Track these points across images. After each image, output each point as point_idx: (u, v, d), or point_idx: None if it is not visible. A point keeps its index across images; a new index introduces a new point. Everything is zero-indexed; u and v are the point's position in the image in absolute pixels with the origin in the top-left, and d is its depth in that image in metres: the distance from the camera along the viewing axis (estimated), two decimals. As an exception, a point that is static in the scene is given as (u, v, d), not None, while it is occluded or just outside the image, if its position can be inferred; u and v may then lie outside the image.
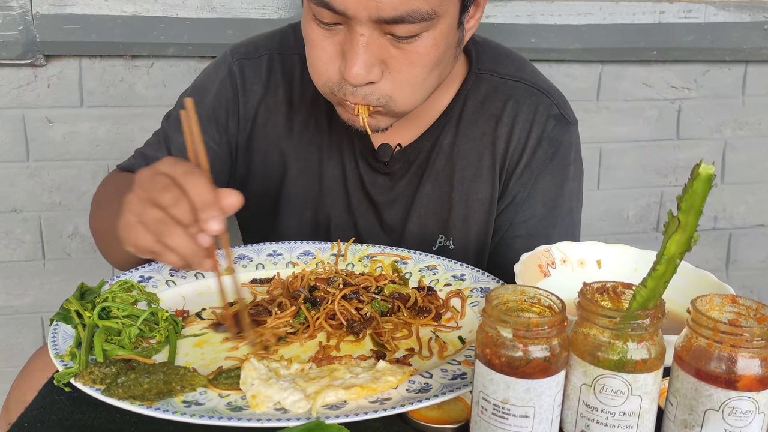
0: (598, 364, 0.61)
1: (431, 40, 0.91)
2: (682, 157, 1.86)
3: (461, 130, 1.12)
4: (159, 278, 0.94)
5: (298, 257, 1.01)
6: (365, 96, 0.93)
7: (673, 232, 0.60)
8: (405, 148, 1.12)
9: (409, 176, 1.13)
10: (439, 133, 1.12)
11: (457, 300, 0.91)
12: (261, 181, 1.17)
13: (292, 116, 1.14)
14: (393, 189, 1.14)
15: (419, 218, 1.14)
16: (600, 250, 0.95)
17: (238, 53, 1.16)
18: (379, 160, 1.12)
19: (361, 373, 0.73)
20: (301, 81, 1.14)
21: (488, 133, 1.13)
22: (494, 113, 1.12)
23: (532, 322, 0.60)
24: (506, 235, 1.15)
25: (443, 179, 1.13)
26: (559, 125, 1.13)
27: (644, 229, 1.90)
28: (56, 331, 0.79)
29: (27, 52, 1.48)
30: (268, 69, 1.14)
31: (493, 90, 1.13)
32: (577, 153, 1.17)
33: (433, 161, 1.13)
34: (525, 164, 1.12)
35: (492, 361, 0.61)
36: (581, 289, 0.64)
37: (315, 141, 1.14)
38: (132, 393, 0.68)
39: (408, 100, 0.96)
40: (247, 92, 1.14)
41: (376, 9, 0.86)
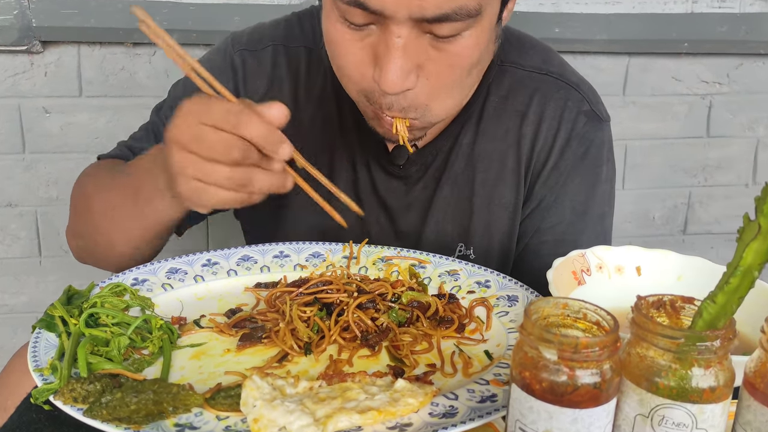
0: (657, 391, 0.52)
1: (473, 38, 0.82)
2: (712, 156, 1.77)
3: (483, 128, 1.03)
4: (155, 281, 0.86)
5: (307, 259, 0.93)
6: (403, 109, 0.85)
7: (751, 240, 0.51)
8: (421, 149, 1.02)
9: (426, 179, 1.04)
10: (458, 132, 1.03)
11: (481, 309, 0.83)
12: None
13: (297, 114, 1.03)
14: (408, 193, 1.05)
15: (437, 225, 1.05)
16: (639, 255, 0.86)
17: (240, 43, 1.06)
18: (394, 163, 1.03)
19: (378, 393, 0.64)
20: (307, 76, 1.04)
21: (512, 132, 1.03)
22: (518, 109, 1.03)
23: (581, 343, 0.51)
24: (532, 241, 1.06)
25: (463, 182, 1.04)
26: (590, 122, 1.04)
27: (671, 231, 1.81)
28: (38, 340, 0.71)
29: (23, 38, 1.40)
30: (272, 62, 1.05)
31: (518, 84, 1.03)
32: (609, 152, 1.08)
33: (452, 163, 1.03)
34: (553, 165, 1.03)
35: (532, 386, 0.53)
36: (636, 303, 0.55)
37: (323, 141, 1.04)
38: (117, 414, 0.60)
39: (446, 106, 0.89)
40: (249, 87, 1.05)
41: (419, 7, 0.76)
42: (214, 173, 0.71)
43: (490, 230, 1.05)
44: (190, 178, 0.73)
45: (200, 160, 0.71)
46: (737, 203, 1.82)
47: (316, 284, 0.83)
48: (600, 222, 1.07)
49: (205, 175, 0.72)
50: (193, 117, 0.71)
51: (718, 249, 1.83)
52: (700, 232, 1.83)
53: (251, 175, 0.72)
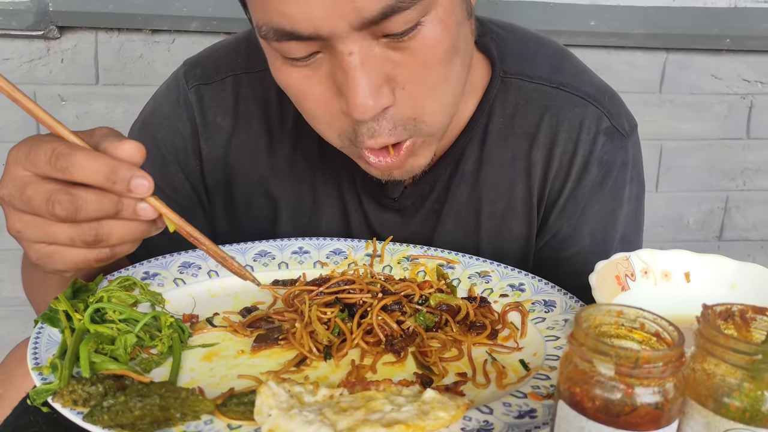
0: (726, 414, 0.46)
1: (436, 23, 0.68)
2: (752, 158, 1.70)
3: (487, 153, 0.91)
4: (167, 275, 0.80)
5: (328, 256, 0.87)
6: (389, 130, 0.72)
7: None
8: (419, 180, 0.91)
9: (425, 212, 0.94)
10: (460, 158, 0.91)
11: (515, 314, 0.76)
12: (249, 227, 0.97)
13: (273, 150, 0.93)
14: (405, 228, 0.94)
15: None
16: (688, 260, 0.79)
17: (193, 76, 0.94)
18: (387, 195, 0.92)
19: (405, 404, 0.58)
20: (279, 103, 0.92)
21: (521, 157, 0.91)
22: (527, 131, 0.91)
23: (642, 357, 0.45)
24: (548, 272, 0.95)
25: (468, 215, 0.93)
26: (610, 141, 0.92)
27: (705, 237, 1.73)
28: (39, 335, 0.66)
29: (39, 22, 1.36)
30: (234, 96, 0.93)
31: (525, 100, 0.91)
32: (635, 170, 0.96)
33: (454, 193, 0.92)
34: (569, 194, 0.92)
35: (583, 404, 0.47)
36: (702, 313, 0.49)
37: (306, 177, 0.94)
38: (119, 421, 0.54)
39: (438, 113, 0.75)
40: (209, 127, 0.93)
41: (354, 11, 0.63)
42: (54, 234, 0.60)
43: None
44: (31, 243, 0.62)
45: (35, 220, 0.60)
46: (773, 208, 1.75)
47: (338, 283, 0.77)
48: (622, 246, 0.96)
49: (47, 236, 0.60)
50: (18, 168, 0.59)
51: (755, 256, 1.75)
52: (736, 238, 1.75)
53: (101, 229, 0.60)
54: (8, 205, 0.61)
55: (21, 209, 0.60)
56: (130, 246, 0.64)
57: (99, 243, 0.61)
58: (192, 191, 0.96)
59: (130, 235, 0.62)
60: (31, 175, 0.59)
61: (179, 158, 0.94)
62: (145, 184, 0.59)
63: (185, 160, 0.94)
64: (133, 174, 0.59)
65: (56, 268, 0.64)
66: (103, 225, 0.60)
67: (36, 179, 0.59)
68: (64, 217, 0.58)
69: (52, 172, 0.58)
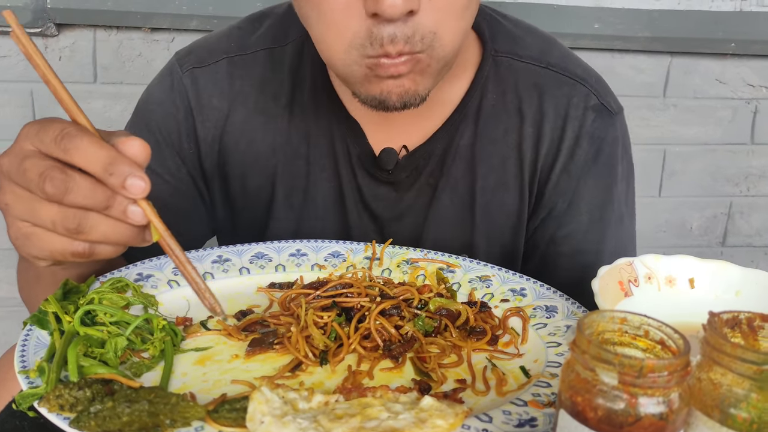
0: (733, 425, 0.45)
1: None
2: (756, 164, 1.68)
3: (481, 128, 0.93)
4: (160, 277, 0.79)
5: (326, 259, 0.86)
6: (408, 39, 0.72)
7: None
8: (413, 152, 0.92)
9: (419, 186, 0.94)
10: (454, 133, 0.93)
11: (516, 320, 0.75)
12: (243, 210, 0.98)
13: (268, 128, 0.94)
14: (400, 202, 0.94)
15: (434, 236, 0.95)
16: (693, 265, 0.78)
17: (188, 61, 0.95)
18: (382, 167, 0.92)
19: (402, 412, 0.57)
20: (274, 81, 0.94)
21: (512, 133, 0.93)
22: (518, 107, 0.93)
23: (647, 365, 0.43)
24: (548, 252, 0.96)
25: (463, 189, 0.94)
26: (600, 118, 0.94)
27: (708, 243, 1.72)
28: (28, 337, 0.65)
29: (37, 19, 1.35)
30: (229, 76, 0.94)
31: (515, 78, 0.94)
32: (624, 148, 0.98)
33: (449, 167, 0.93)
34: (561, 169, 0.93)
35: (584, 414, 0.45)
36: (709, 321, 0.47)
37: (300, 152, 0.94)
38: (107, 427, 0.53)
39: (452, 35, 0.76)
40: (205, 109, 0.94)
41: None
42: (38, 212, 0.59)
43: (492, 242, 0.96)
44: (15, 219, 0.61)
45: (25, 194, 0.59)
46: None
47: (335, 287, 0.76)
48: (620, 226, 0.98)
49: (31, 214, 0.60)
50: (26, 141, 0.59)
51: (758, 263, 1.74)
52: (739, 244, 1.74)
53: (85, 220, 0.58)
54: (5, 175, 0.60)
55: (15, 181, 0.59)
56: (112, 249, 0.62)
57: (79, 234, 0.59)
58: (188, 176, 0.95)
59: (114, 235, 0.60)
60: (35, 150, 0.58)
61: (173, 141, 0.94)
62: (141, 185, 0.57)
63: (179, 144, 0.95)
64: (132, 171, 0.57)
65: (31, 252, 0.62)
66: (88, 216, 0.58)
67: (38, 154, 0.58)
68: (52, 195, 0.57)
69: (55, 151, 0.57)
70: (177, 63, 0.96)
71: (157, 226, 0.62)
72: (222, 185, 0.97)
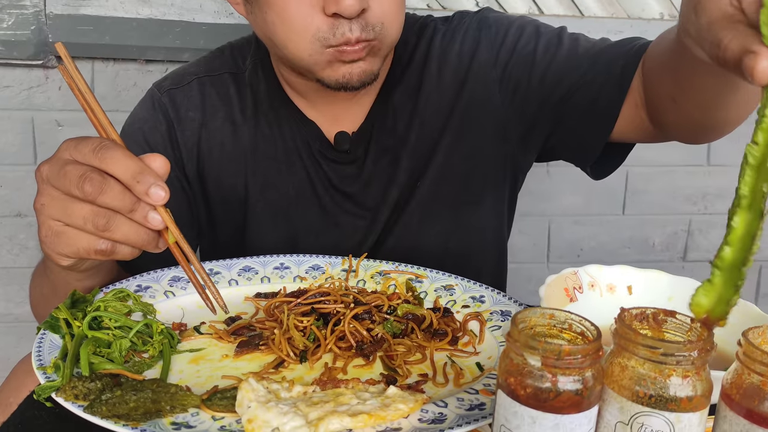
0: (637, 400, 0.54)
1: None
2: (713, 184, 1.79)
3: (404, 90, 1.08)
4: (157, 288, 0.88)
5: (307, 271, 0.95)
6: (362, 28, 0.90)
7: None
8: (360, 128, 1.07)
9: (374, 155, 1.08)
10: (386, 103, 1.08)
11: (475, 323, 0.84)
12: (222, 207, 1.11)
13: (238, 135, 1.08)
14: (362, 174, 1.09)
15: (398, 189, 1.09)
16: (631, 275, 0.88)
17: (165, 85, 1.10)
18: (340, 149, 1.07)
19: (370, 399, 0.66)
20: (239, 98, 1.09)
21: (430, 83, 1.08)
22: (422, 62, 1.09)
23: (564, 350, 0.53)
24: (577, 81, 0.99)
25: (409, 142, 1.08)
26: (477, 16, 1.10)
27: (670, 258, 1.82)
28: (42, 340, 0.73)
29: (39, 52, 1.45)
30: (200, 93, 1.09)
31: (411, 49, 1.10)
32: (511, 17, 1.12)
33: (391, 130, 1.08)
34: (493, 63, 1.06)
35: (517, 392, 0.54)
36: (619, 315, 0.57)
37: (269, 154, 1.08)
38: (116, 411, 0.61)
39: (395, 23, 0.95)
40: (183, 120, 1.08)
41: None
42: (72, 211, 0.69)
43: (460, 164, 1.09)
44: (48, 218, 0.71)
45: (61, 197, 0.69)
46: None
47: (314, 295, 0.85)
48: (579, 38, 1.04)
49: (64, 213, 0.69)
50: (66, 152, 0.70)
51: (717, 276, 1.84)
52: (699, 259, 1.84)
53: (112, 219, 0.68)
54: (45, 180, 0.71)
55: (53, 184, 0.69)
56: (129, 251, 0.72)
57: (105, 231, 0.69)
58: (177, 180, 1.08)
59: (133, 237, 0.70)
60: (73, 160, 0.69)
61: (160, 151, 1.06)
62: (161, 194, 0.68)
63: (165, 152, 1.07)
64: (155, 181, 0.68)
65: (58, 249, 0.72)
66: (115, 216, 0.69)
67: (77, 162, 0.68)
68: (89, 193, 0.67)
69: (93, 160, 0.67)
70: (156, 88, 1.11)
71: (173, 230, 0.71)
72: (201, 187, 1.10)
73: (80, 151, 0.68)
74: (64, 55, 0.72)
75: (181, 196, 1.09)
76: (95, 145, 0.68)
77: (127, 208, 0.68)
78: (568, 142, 1.06)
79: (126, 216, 0.69)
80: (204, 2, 1.47)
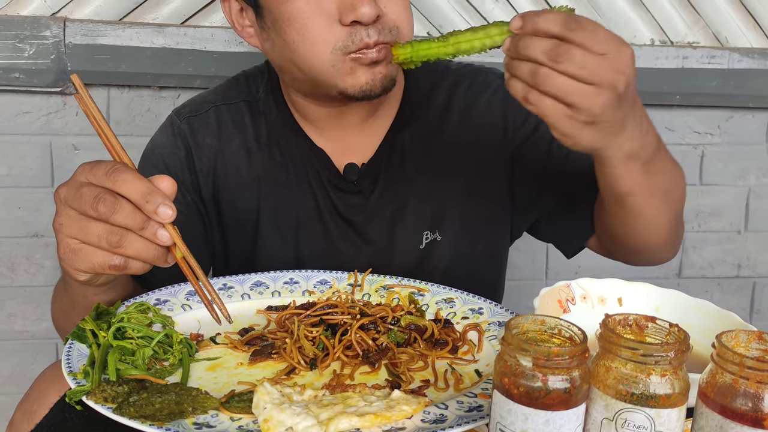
0: (621, 398, 0.59)
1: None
2: (705, 203, 1.84)
3: (416, 130, 1.13)
4: (175, 302, 0.93)
5: (315, 286, 1.01)
6: (380, 31, 0.96)
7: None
8: (368, 162, 1.13)
9: (381, 188, 1.13)
10: (397, 138, 1.13)
11: (474, 333, 0.90)
12: (235, 231, 1.16)
13: (252, 162, 1.14)
14: (367, 205, 1.14)
15: (401, 224, 1.14)
16: (621, 287, 0.93)
17: (183, 113, 1.16)
18: (348, 180, 1.12)
19: (376, 401, 0.71)
20: (253, 126, 1.14)
21: (443, 127, 1.13)
22: (442, 106, 1.15)
23: (553, 352, 0.58)
24: (557, 162, 1.12)
25: (415, 180, 1.13)
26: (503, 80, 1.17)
27: (666, 274, 1.87)
28: (71, 349, 0.79)
29: (58, 80, 1.51)
30: (217, 121, 1.14)
31: (431, 88, 1.15)
32: None
33: (398, 166, 1.13)
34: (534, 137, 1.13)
35: (510, 391, 0.60)
36: (603, 321, 0.63)
37: (280, 180, 1.14)
38: (143, 412, 0.67)
39: (408, 25, 1.01)
40: (201, 147, 1.13)
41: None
42: (87, 230, 0.74)
43: (455, 211, 1.14)
44: (65, 236, 0.76)
45: (77, 216, 0.75)
46: (730, 249, 1.89)
47: (323, 307, 0.91)
48: None
49: (80, 231, 0.74)
50: (81, 175, 0.75)
51: (712, 293, 1.89)
52: (694, 276, 1.89)
53: (125, 237, 0.74)
54: (63, 201, 0.76)
55: (70, 205, 0.75)
56: (141, 266, 0.77)
57: (118, 248, 0.74)
58: (193, 203, 1.14)
59: (144, 252, 0.76)
60: (89, 182, 0.75)
61: (179, 175, 1.12)
62: (169, 213, 0.74)
63: (183, 177, 1.12)
64: (163, 201, 0.74)
65: (75, 265, 0.77)
66: (127, 234, 0.74)
67: (91, 185, 0.74)
68: (103, 213, 0.73)
69: (106, 182, 0.73)
70: (175, 115, 1.16)
71: (180, 246, 0.77)
72: (216, 210, 1.15)
73: (94, 174, 0.74)
74: (79, 85, 0.79)
75: (197, 218, 1.14)
76: (108, 168, 0.74)
77: (138, 226, 0.74)
78: (549, 230, 1.19)
79: (137, 233, 0.74)
80: (215, 32, 1.55)
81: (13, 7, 1.49)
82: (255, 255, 1.16)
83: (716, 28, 1.69)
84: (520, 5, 1.64)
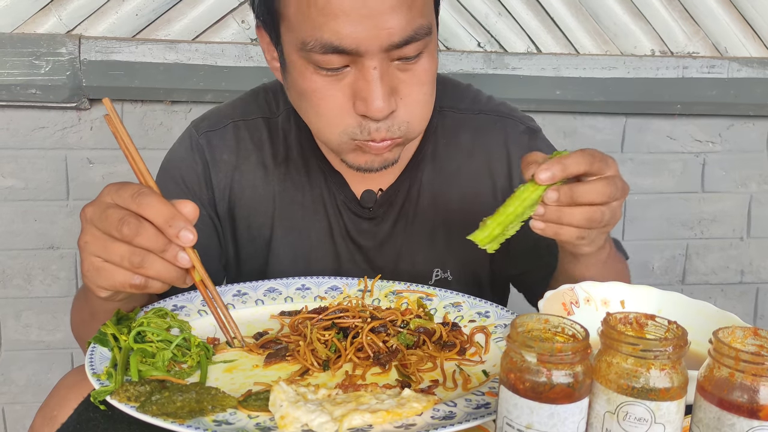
0: (622, 391, 0.62)
1: (430, 53, 0.95)
2: (707, 210, 1.87)
3: (438, 167, 1.15)
4: (192, 308, 0.97)
5: (326, 291, 1.04)
6: (389, 128, 0.95)
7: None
8: (386, 191, 1.14)
9: (394, 217, 1.15)
10: (416, 172, 1.14)
11: (481, 336, 0.92)
12: (249, 246, 1.18)
13: (268, 179, 1.15)
14: (379, 233, 1.15)
15: (410, 256, 1.16)
16: (624, 290, 0.96)
17: (202, 127, 1.16)
18: (364, 206, 1.14)
19: (387, 399, 0.74)
20: (271, 143, 1.15)
21: (465, 169, 1.15)
22: (467, 148, 1.15)
23: (556, 348, 0.61)
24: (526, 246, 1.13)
25: (429, 216, 1.15)
26: (532, 137, 1.17)
27: (670, 281, 1.89)
28: (93, 352, 0.82)
29: (73, 95, 1.56)
30: (235, 137, 1.15)
31: (458, 125, 1.16)
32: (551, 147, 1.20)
33: (416, 200, 1.14)
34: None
35: (516, 386, 0.63)
36: (604, 318, 0.66)
37: (296, 199, 1.15)
38: (165, 410, 0.70)
39: (421, 121, 0.99)
40: (218, 162, 1.14)
41: (387, 37, 0.88)
42: (111, 249, 0.76)
43: (457, 255, 1.16)
44: (90, 254, 0.78)
45: (102, 236, 0.77)
46: (733, 255, 1.91)
47: (335, 311, 0.94)
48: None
49: (104, 251, 0.77)
50: (107, 197, 0.78)
51: (716, 298, 1.91)
52: (697, 282, 1.92)
53: (146, 258, 0.76)
54: (88, 221, 0.79)
55: (96, 225, 0.78)
56: (160, 286, 0.80)
57: (140, 269, 0.77)
58: (208, 218, 1.16)
59: (164, 273, 0.79)
60: (113, 204, 0.77)
61: (195, 190, 1.15)
62: (190, 237, 0.76)
63: (200, 191, 1.15)
64: (185, 226, 0.76)
65: (98, 282, 0.80)
66: (149, 256, 0.77)
67: (116, 206, 0.77)
68: (126, 235, 0.75)
69: (131, 205, 0.76)
70: (194, 128, 1.18)
71: (199, 269, 0.80)
72: (231, 225, 1.17)
73: (120, 196, 0.77)
74: (110, 108, 0.82)
75: (211, 231, 1.16)
76: (134, 191, 0.76)
77: (160, 249, 0.76)
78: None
79: (158, 255, 0.77)
80: (225, 47, 1.59)
81: (29, 25, 1.54)
82: (267, 271, 1.18)
83: (715, 39, 1.73)
84: (523, 20, 1.68)
